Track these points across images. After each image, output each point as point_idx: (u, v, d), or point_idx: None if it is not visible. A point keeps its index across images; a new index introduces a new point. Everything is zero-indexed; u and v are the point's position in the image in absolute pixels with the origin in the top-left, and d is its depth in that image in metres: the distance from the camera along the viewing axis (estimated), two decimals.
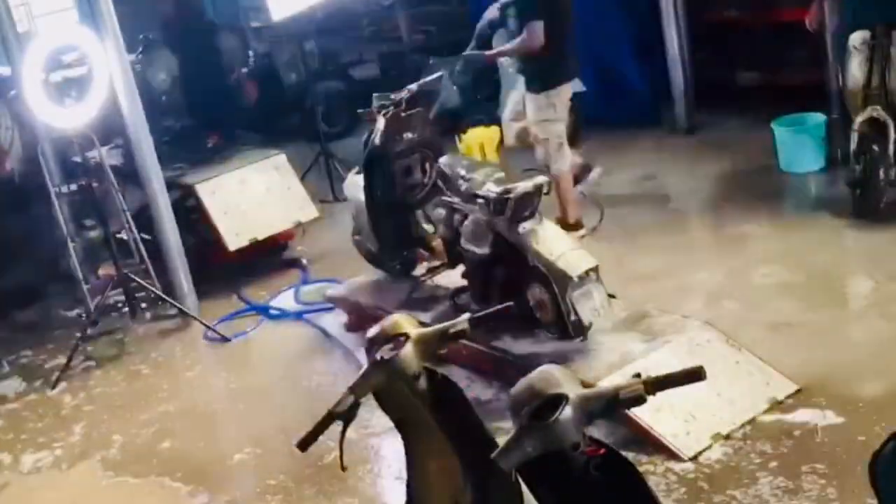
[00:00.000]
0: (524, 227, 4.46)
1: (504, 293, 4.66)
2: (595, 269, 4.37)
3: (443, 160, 5.08)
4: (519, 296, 4.63)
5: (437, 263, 5.32)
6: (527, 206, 4.49)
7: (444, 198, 4.96)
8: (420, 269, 5.45)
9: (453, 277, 5.17)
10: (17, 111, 6.72)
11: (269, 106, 9.52)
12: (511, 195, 4.47)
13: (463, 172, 4.87)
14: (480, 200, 4.62)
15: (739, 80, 7.67)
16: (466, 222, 4.78)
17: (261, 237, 6.55)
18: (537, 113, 5.98)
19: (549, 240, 4.43)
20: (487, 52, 6.10)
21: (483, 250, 4.66)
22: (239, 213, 6.54)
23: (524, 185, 4.52)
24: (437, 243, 5.24)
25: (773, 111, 6.74)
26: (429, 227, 5.30)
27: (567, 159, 6.07)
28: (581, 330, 4.36)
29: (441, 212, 5.00)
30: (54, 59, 5.84)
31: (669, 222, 6.33)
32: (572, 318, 4.32)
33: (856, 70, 5.89)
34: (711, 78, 7.64)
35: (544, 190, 4.53)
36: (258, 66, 9.84)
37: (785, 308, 5.01)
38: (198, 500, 4.43)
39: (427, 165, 5.23)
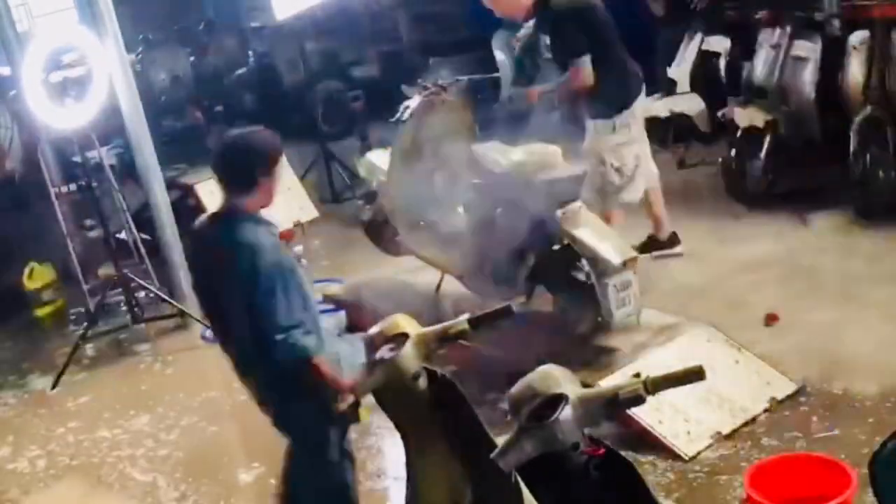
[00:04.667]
0: (565, 212, 4.39)
1: (535, 278, 4.64)
2: (634, 260, 4.34)
3: (476, 146, 5.02)
4: (552, 281, 4.61)
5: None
6: (569, 191, 4.45)
7: (475, 181, 4.91)
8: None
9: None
10: (17, 111, 6.73)
11: (269, 106, 9.54)
12: (555, 179, 4.44)
13: (499, 157, 4.79)
14: (523, 183, 4.54)
15: None
16: (502, 206, 4.72)
17: None
18: (607, 140, 5.35)
19: (590, 226, 4.39)
20: (530, 90, 5.52)
21: (518, 234, 4.64)
22: None
23: (568, 170, 4.49)
24: None
25: None
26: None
27: (642, 184, 5.48)
28: (610, 317, 4.33)
29: (472, 195, 4.95)
30: (54, 59, 5.84)
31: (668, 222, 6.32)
32: (604, 304, 4.30)
33: (856, 70, 5.90)
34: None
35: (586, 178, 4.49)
36: (258, 66, 9.87)
37: (785, 308, 5.01)
38: (196, 500, 4.43)
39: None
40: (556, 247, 4.54)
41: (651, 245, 5.73)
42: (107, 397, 5.51)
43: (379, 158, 5.50)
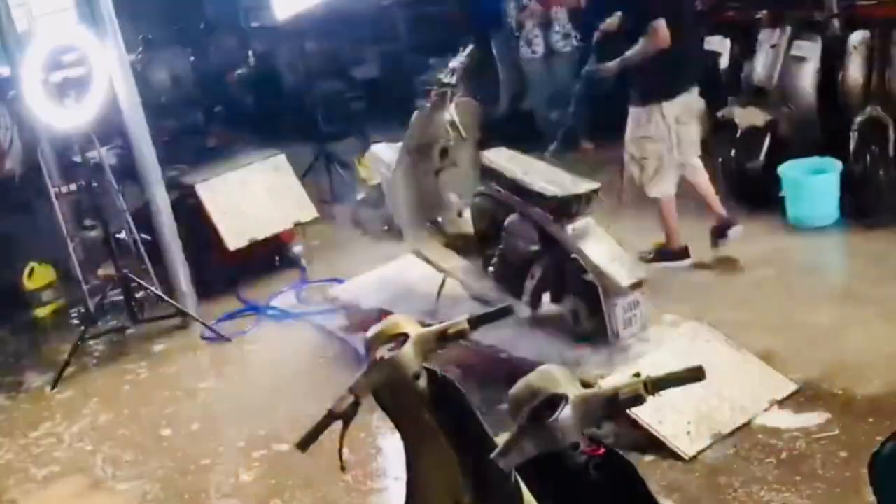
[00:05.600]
0: (575, 227, 4.38)
1: (540, 291, 4.63)
2: (643, 282, 4.33)
3: (487, 152, 4.98)
4: (557, 295, 4.61)
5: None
6: (581, 206, 4.42)
7: (486, 189, 4.90)
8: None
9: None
10: (17, 111, 6.72)
11: (269, 106, 9.55)
12: (568, 194, 4.41)
13: (513, 166, 4.75)
14: (534, 195, 4.51)
15: None
16: (512, 217, 4.70)
17: (261, 237, 6.54)
18: (635, 129, 5.46)
19: (599, 244, 4.36)
20: (607, 65, 5.55)
21: (526, 246, 4.62)
22: (239, 213, 6.54)
23: (580, 186, 4.46)
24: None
25: None
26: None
27: (667, 184, 5.53)
28: (616, 338, 4.33)
29: (480, 202, 4.93)
30: (54, 59, 5.84)
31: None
32: (611, 325, 4.30)
33: (856, 70, 5.90)
34: None
35: (598, 194, 4.46)
36: (258, 66, 9.88)
37: (784, 308, 5.01)
38: (196, 499, 4.43)
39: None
40: (563, 260, 4.50)
41: (660, 255, 5.71)
42: (106, 397, 5.51)
43: (384, 151, 5.48)
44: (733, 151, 6.33)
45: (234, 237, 6.47)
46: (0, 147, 6.87)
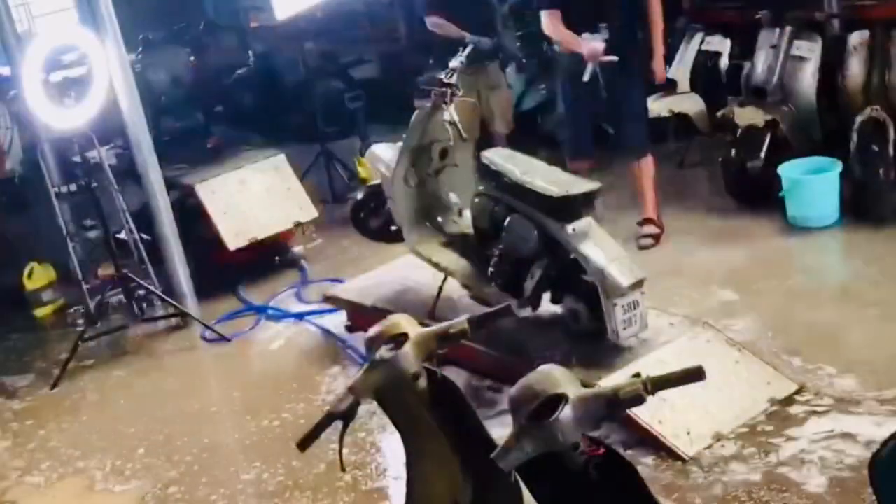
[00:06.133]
0: (575, 227, 4.36)
1: (540, 291, 4.63)
2: (643, 282, 4.31)
3: (487, 152, 4.98)
4: (557, 295, 4.61)
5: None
6: (581, 207, 4.40)
7: (484, 189, 4.89)
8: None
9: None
10: (16, 111, 6.72)
11: (269, 106, 9.55)
12: (568, 194, 4.40)
13: (513, 166, 4.73)
14: (534, 195, 4.49)
15: None
16: (512, 217, 4.66)
17: (261, 237, 6.54)
18: None
19: (599, 244, 4.34)
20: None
21: (526, 246, 4.63)
22: (239, 213, 6.54)
23: (580, 186, 4.45)
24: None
25: None
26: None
27: None
28: (616, 338, 4.31)
29: (480, 202, 4.93)
30: (54, 59, 5.84)
31: (667, 222, 6.31)
32: (611, 325, 4.28)
33: (856, 70, 5.90)
34: None
35: (600, 194, 4.46)
36: (258, 66, 9.88)
37: (785, 308, 5.01)
38: (196, 501, 4.43)
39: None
40: (563, 260, 4.50)
41: None
42: (106, 397, 5.51)
43: (384, 151, 5.49)
44: (733, 151, 6.33)
45: (234, 237, 6.47)
46: (0, 147, 6.87)
